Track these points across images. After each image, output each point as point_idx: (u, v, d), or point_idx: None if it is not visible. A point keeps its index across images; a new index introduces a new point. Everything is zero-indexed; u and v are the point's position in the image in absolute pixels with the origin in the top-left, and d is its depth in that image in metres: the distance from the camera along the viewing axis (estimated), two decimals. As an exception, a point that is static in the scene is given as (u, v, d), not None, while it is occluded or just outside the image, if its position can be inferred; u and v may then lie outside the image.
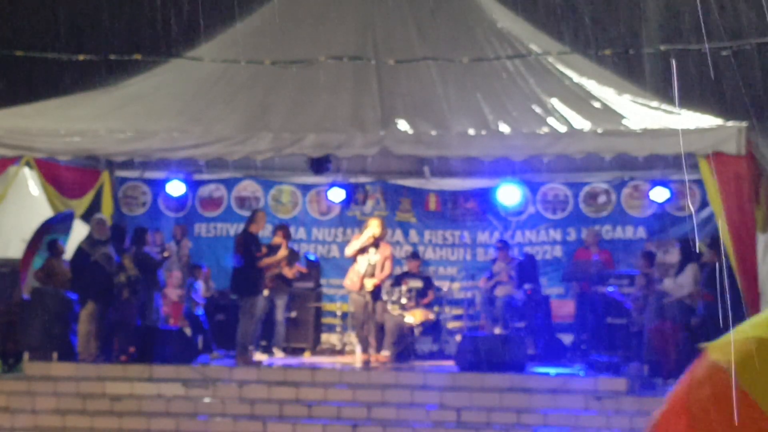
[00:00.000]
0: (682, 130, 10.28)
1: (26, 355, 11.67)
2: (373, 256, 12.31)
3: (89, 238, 11.81)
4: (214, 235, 14.79)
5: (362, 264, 12.33)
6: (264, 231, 12.61)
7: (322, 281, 14.16)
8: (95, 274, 11.48)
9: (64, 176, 12.31)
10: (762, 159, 10.51)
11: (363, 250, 12.33)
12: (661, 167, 12.42)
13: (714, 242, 10.62)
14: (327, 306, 14.11)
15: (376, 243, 12.37)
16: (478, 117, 10.97)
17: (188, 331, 12.78)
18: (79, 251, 11.74)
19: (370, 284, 12.27)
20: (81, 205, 12.86)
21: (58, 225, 12.55)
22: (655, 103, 11.20)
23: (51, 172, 12.06)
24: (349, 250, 12.54)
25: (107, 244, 11.71)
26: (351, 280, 12.46)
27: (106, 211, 13.46)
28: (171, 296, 13.29)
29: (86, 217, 12.73)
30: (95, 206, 13.26)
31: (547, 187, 14.35)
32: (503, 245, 13.45)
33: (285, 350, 12.85)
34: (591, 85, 11.55)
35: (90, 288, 11.52)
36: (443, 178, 14.56)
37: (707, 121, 10.46)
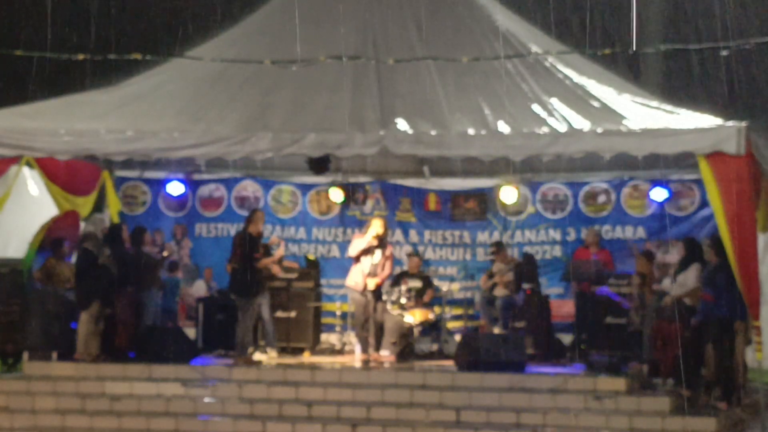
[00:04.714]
0: (681, 129, 10.28)
1: (26, 355, 11.68)
2: (376, 256, 12.32)
3: (94, 239, 11.78)
4: (215, 235, 14.81)
5: (366, 264, 12.33)
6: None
7: (322, 281, 14.18)
8: (102, 276, 11.47)
9: (69, 174, 12.30)
10: (762, 159, 10.49)
11: (367, 251, 12.34)
12: (660, 167, 12.41)
13: (714, 242, 10.61)
14: (327, 306, 14.12)
15: (381, 243, 12.38)
16: (477, 117, 10.96)
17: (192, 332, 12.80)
18: (85, 252, 11.71)
19: (372, 284, 12.28)
20: (87, 202, 12.84)
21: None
22: (655, 103, 11.20)
23: (53, 171, 12.05)
24: (353, 250, 12.54)
25: (105, 243, 11.71)
26: (354, 280, 12.46)
27: (113, 209, 13.45)
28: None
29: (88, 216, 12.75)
30: (98, 205, 13.27)
31: (546, 186, 14.37)
32: (498, 248, 13.43)
33: (284, 350, 12.83)
34: (591, 85, 11.55)
35: (95, 290, 11.50)
36: (443, 178, 14.58)
37: (707, 120, 10.45)
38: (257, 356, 11.92)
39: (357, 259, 12.49)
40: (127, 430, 10.15)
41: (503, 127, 10.69)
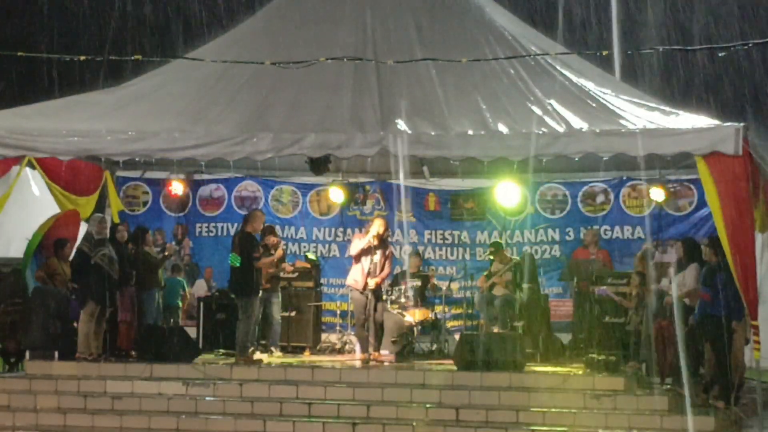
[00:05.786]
0: (680, 129, 10.32)
1: (27, 354, 11.72)
2: (375, 255, 12.37)
3: (90, 239, 11.83)
4: (215, 235, 14.86)
5: (366, 263, 12.38)
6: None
7: (322, 280, 14.24)
8: (96, 275, 11.51)
9: (70, 174, 12.33)
10: (760, 159, 10.53)
11: (367, 250, 12.38)
12: (659, 167, 12.46)
13: (713, 242, 10.66)
14: (327, 305, 14.18)
15: (382, 242, 12.42)
16: (477, 117, 10.99)
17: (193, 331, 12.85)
18: (80, 253, 11.76)
19: (372, 283, 12.33)
20: (89, 202, 12.87)
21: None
22: (653, 103, 11.23)
23: (55, 171, 12.08)
24: (354, 250, 12.58)
25: (106, 243, 11.74)
26: (355, 279, 12.51)
27: (115, 209, 13.50)
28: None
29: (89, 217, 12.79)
30: (100, 205, 13.31)
31: (545, 187, 14.41)
32: (497, 248, 13.47)
33: (285, 349, 12.90)
34: (589, 86, 11.58)
35: (89, 289, 11.55)
36: (443, 178, 14.62)
37: (705, 121, 10.49)
38: (260, 355, 11.98)
39: (357, 258, 12.53)
40: (128, 428, 10.19)
41: (502, 128, 10.73)
